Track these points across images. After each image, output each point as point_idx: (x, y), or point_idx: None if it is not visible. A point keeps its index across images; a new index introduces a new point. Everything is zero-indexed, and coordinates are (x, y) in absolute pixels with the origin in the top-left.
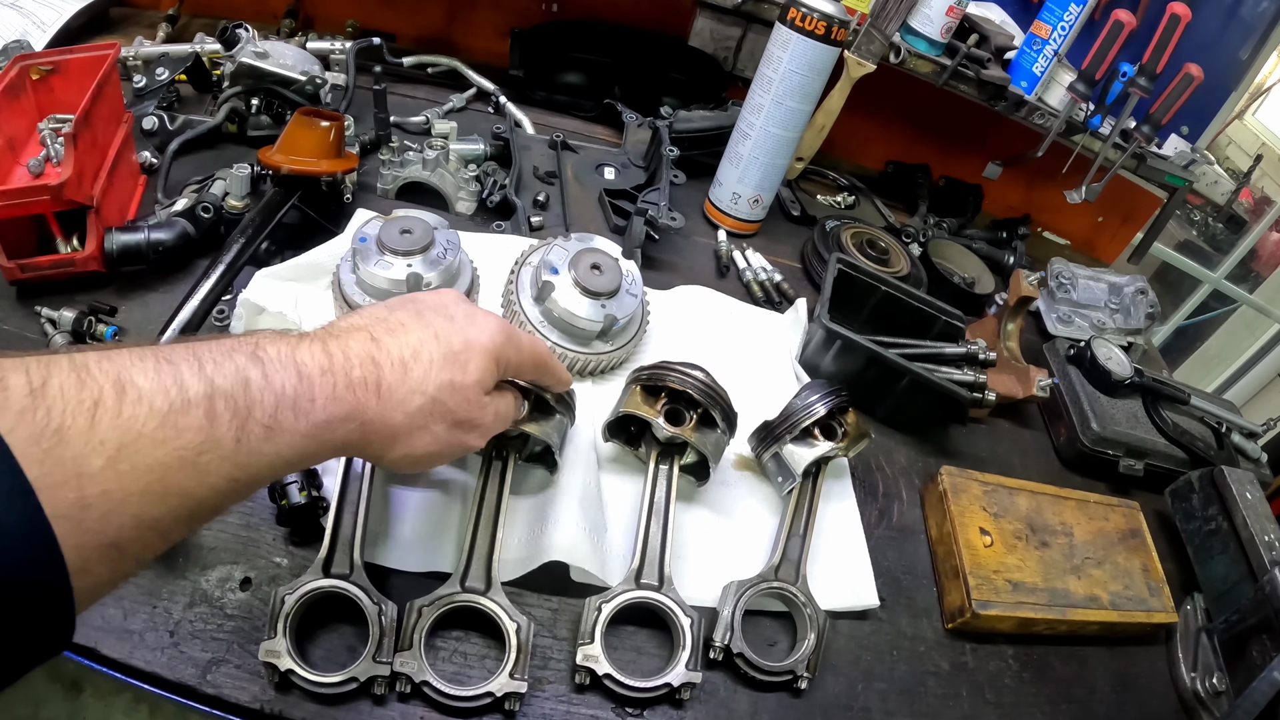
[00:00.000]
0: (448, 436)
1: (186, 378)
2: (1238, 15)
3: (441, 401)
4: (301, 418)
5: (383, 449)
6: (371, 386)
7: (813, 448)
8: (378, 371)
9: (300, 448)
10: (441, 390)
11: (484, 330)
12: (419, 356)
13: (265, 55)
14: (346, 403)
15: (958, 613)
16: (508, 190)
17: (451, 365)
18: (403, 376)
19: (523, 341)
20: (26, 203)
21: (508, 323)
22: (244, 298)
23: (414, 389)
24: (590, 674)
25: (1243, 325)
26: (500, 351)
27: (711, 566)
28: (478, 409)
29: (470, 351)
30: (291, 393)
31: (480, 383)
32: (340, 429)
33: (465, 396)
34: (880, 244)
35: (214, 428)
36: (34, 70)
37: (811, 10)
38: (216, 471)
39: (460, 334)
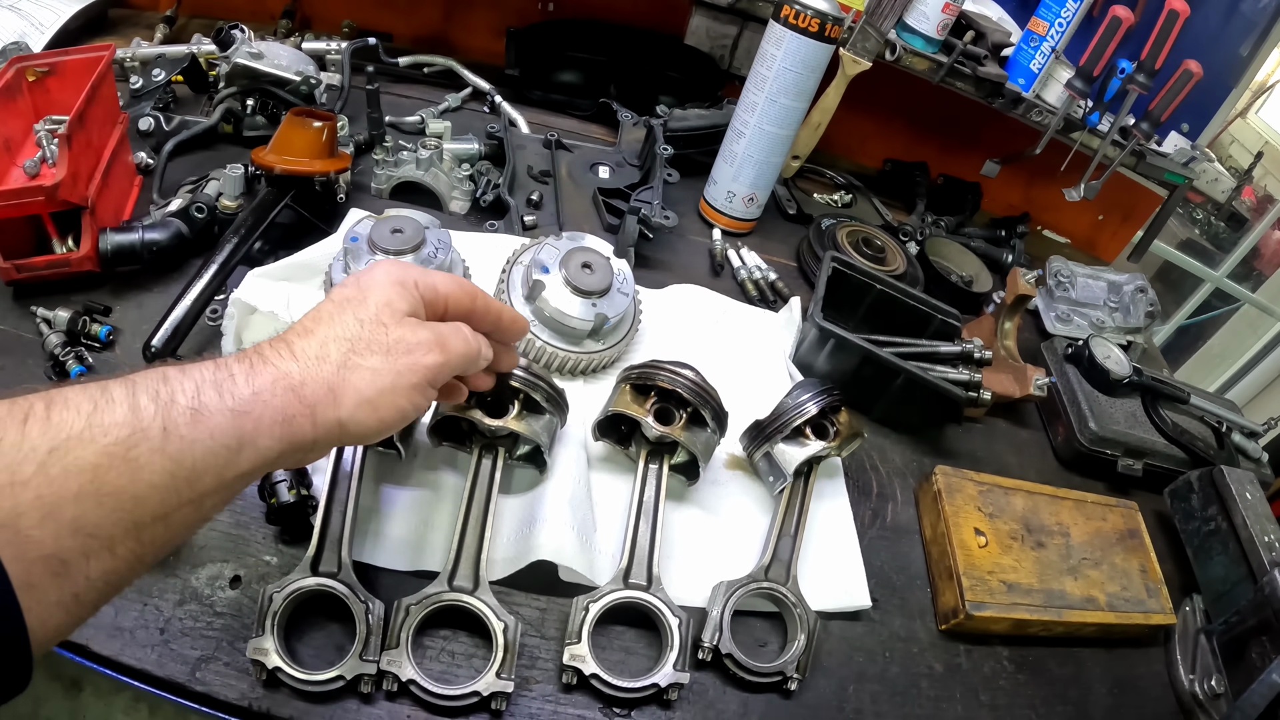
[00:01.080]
0: (390, 365)
1: (110, 382)
2: (1238, 11)
3: (359, 338)
4: (226, 395)
5: (331, 407)
6: (285, 354)
7: (804, 447)
8: (285, 342)
9: (235, 428)
10: (348, 328)
11: (377, 269)
12: (318, 316)
13: (260, 56)
14: (266, 374)
15: (951, 614)
16: (501, 189)
17: (348, 304)
18: (308, 335)
19: (434, 273)
20: (22, 203)
21: (398, 260)
22: (235, 297)
23: (324, 339)
24: (577, 674)
25: (1245, 324)
26: (401, 278)
27: (701, 566)
28: (405, 327)
29: (364, 289)
30: (210, 376)
31: (388, 304)
32: (271, 400)
33: (378, 320)
34: (876, 242)
35: (138, 419)
36: (30, 72)
37: (805, 7)
38: (150, 465)
39: (353, 282)
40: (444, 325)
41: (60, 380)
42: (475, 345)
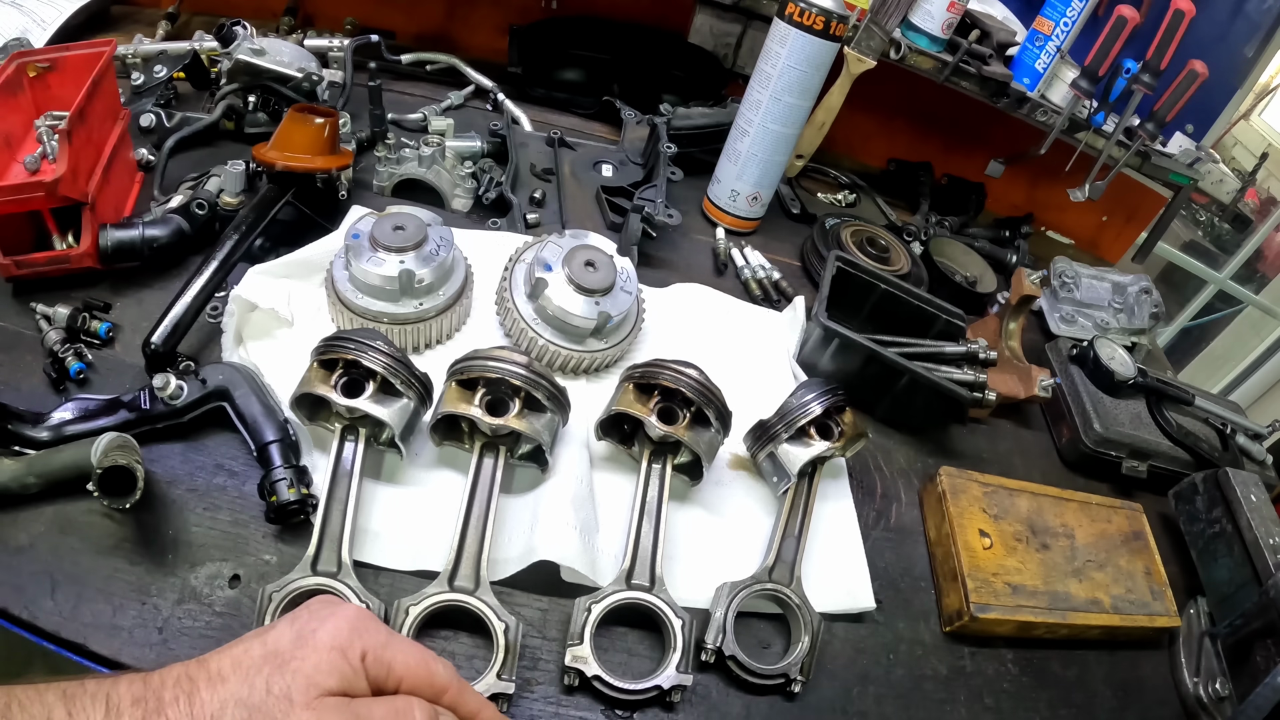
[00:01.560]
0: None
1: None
2: (1243, 12)
3: (259, 709)
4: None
5: None
6: (184, 707)
7: (808, 447)
8: (191, 686)
9: None
10: (255, 694)
11: (326, 624)
12: (239, 664)
13: (262, 52)
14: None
15: (956, 616)
16: (504, 187)
17: (271, 663)
18: (216, 688)
19: (394, 638)
20: (21, 199)
21: (368, 613)
22: (236, 294)
23: (227, 699)
24: (579, 675)
25: (1248, 326)
26: (346, 645)
27: (704, 567)
28: (311, 714)
29: (301, 647)
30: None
31: (309, 679)
32: None
33: (288, 698)
34: (880, 242)
35: None
36: (31, 67)
37: (810, 5)
38: None
39: (293, 630)
40: (380, 708)
41: (60, 379)
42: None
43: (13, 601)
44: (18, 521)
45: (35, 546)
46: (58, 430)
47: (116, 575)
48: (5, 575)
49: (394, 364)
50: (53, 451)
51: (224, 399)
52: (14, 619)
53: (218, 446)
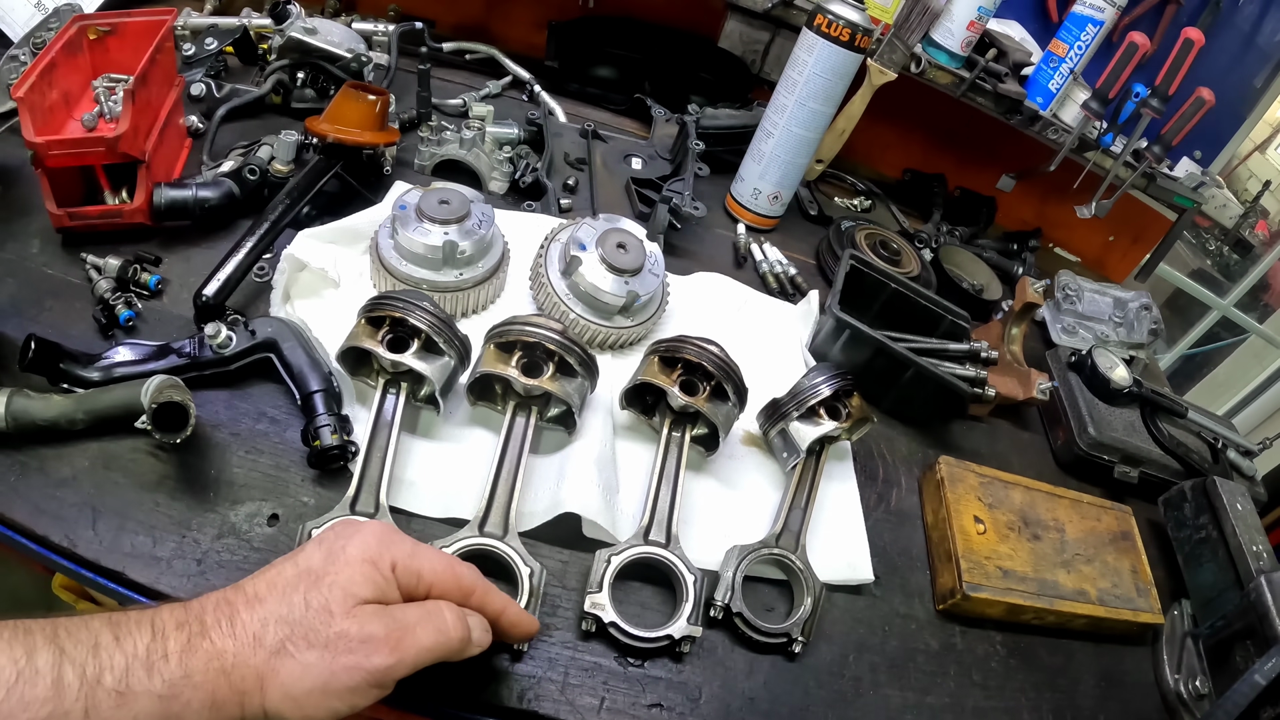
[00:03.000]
0: (325, 666)
1: (38, 645)
2: (1254, 44)
3: (300, 624)
4: (155, 676)
5: (258, 695)
6: (225, 628)
7: (818, 426)
8: (231, 609)
9: (161, 712)
10: (294, 609)
11: (354, 539)
12: (274, 585)
13: (314, 31)
14: (202, 651)
15: (949, 594)
16: (540, 173)
17: (306, 580)
18: (255, 607)
19: (420, 547)
20: (82, 153)
21: (392, 528)
22: (288, 253)
23: (267, 617)
24: (596, 621)
25: (1251, 355)
26: (376, 556)
27: (716, 532)
28: (354, 619)
29: (334, 563)
30: (144, 651)
31: (345, 588)
32: (202, 683)
33: (326, 607)
34: (893, 245)
35: (61, 699)
36: (92, 30)
37: (838, 17)
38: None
39: (323, 550)
40: (413, 611)
41: (109, 325)
42: (457, 634)
43: (53, 530)
44: (62, 456)
45: (78, 480)
46: (108, 371)
47: (158, 510)
48: (48, 505)
49: (438, 323)
50: (102, 390)
51: (272, 350)
52: (54, 547)
53: (261, 395)
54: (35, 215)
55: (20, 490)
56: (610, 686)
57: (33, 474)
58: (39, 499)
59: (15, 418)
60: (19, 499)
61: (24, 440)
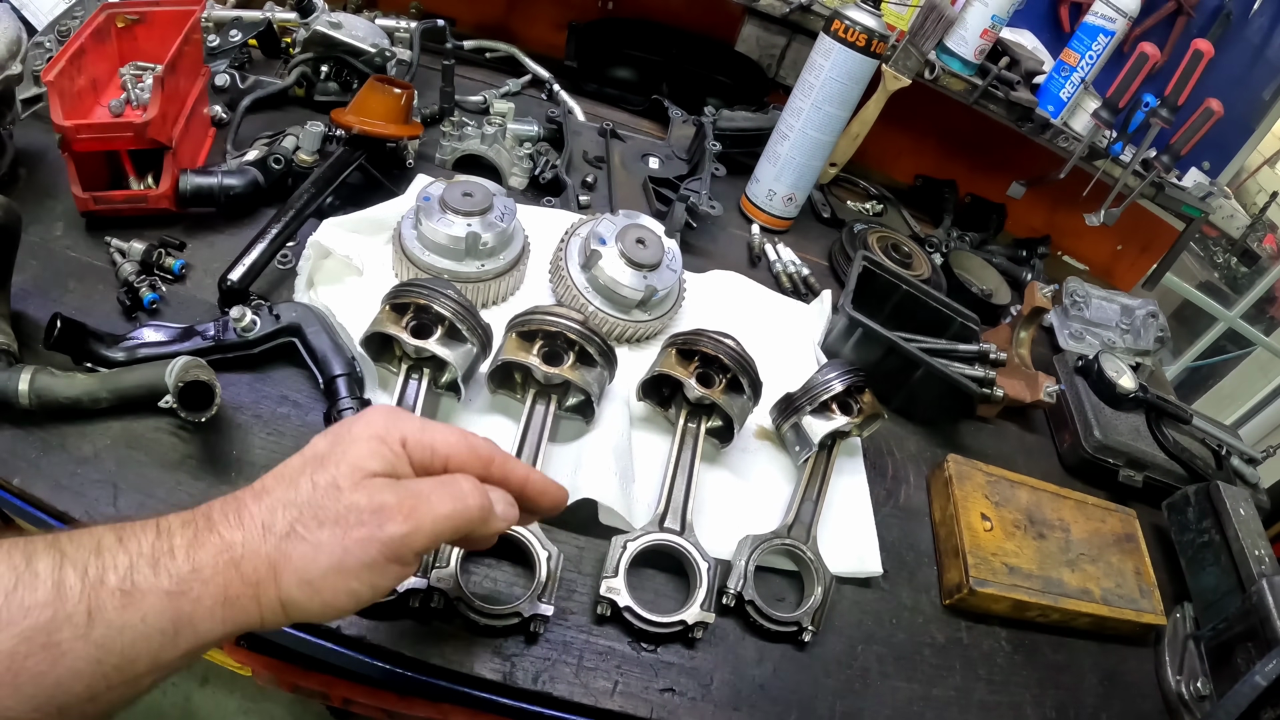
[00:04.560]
0: (338, 542)
1: (37, 551)
2: (1264, 56)
3: (309, 504)
4: (162, 573)
5: (272, 586)
6: (233, 520)
7: (830, 420)
8: (237, 503)
9: (171, 610)
10: (301, 492)
11: (361, 420)
12: (281, 475)
13: (339, 25)
14: (210, 545)
15: (956, 589)
16: (559, 170)
17: (313, 463)
18: (262, 498)
19: (427, 422)
20: (109, 137)
21: (399, 408)
22: (313, 240)
23: (274, 504)
24: (611, 605)
25: (1256, 368)
26: (384, 432)
27: (729, 523)
28: (362, 491)
29: (340, 444)
30: (149, 549)
31: (354, 465)
32: (212, 577)
33: (334, 483)
34: (904, 248)
35: (63, 601)
36: (120, 18)
37: (854, 23)
38: (73, 652)
39: (329, 436)
40: (426, 482)
41: (133, 307)
42: (475, 502)
43: (74, 506)
44: (85, 434)
45: (100, 457)
46: (132, 351)
47: (179, 487)
48: (69, 482)
49: (462, 311)
50: (126, 370)
51: (295, 334)
52: (74, 523)
53: (284, 379)
54: (60, 199)
55: (42, 467)
56: (624, 670)
57: (54, 451)
58: (60, 476)
59: (39, 395)
60: (40, 476)
61: (47, 418)
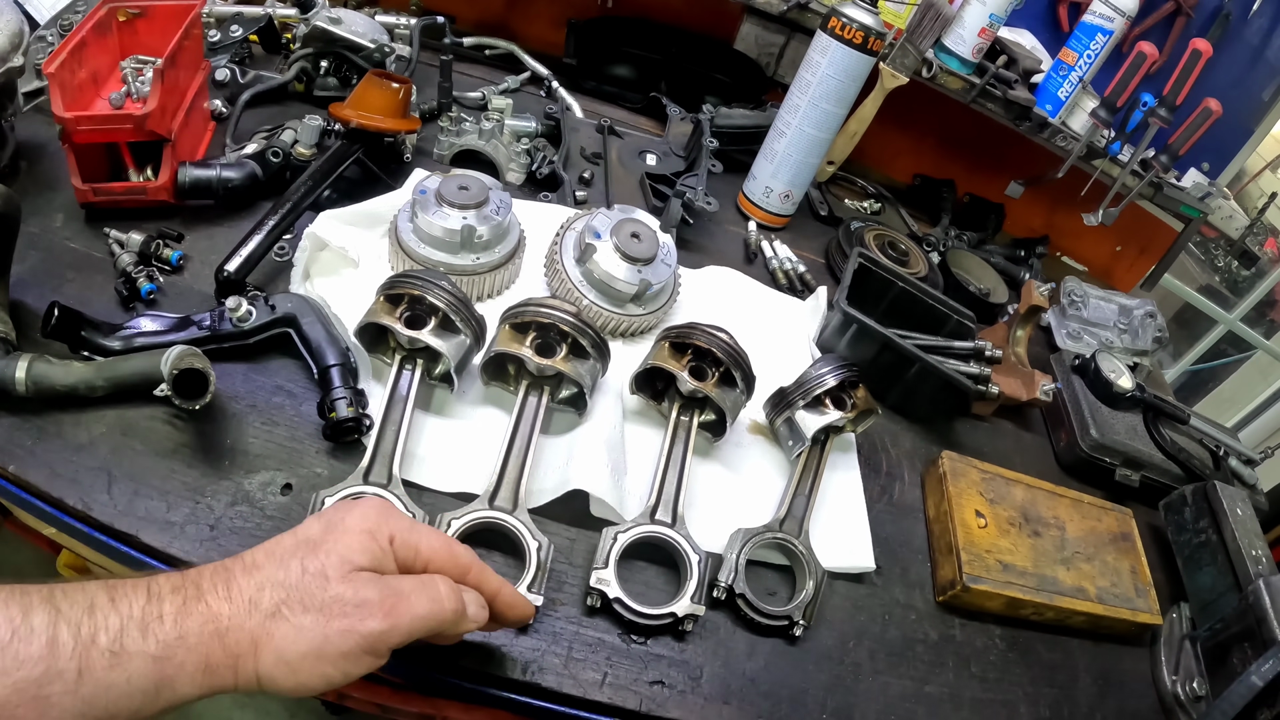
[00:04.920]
0: (320, 629)
1: (34, 605)
2: (1263, 57)
3: (296, 588)
4: (150, 637)
5: (251, 660)
6: (222, 592)
7: (823, 415)
8: (226, 574)
9: (155, 674)
10: (290, 575)
11: (353, 511)
12: (272, 553)
13: (339, 21)
14: (197, 614)
15: (949, 585)
16: (556, 165)
17: (304, 548)
18: (251, 574)
19: (418, 524)
20: (109, 129)
21: (391, 504)
22: (310, 231)
23: (262, 582)
24: (601, 597)
25: (1257, 372)
26: (374, 527)
27: (720, 516)
28: (349, 584)
29: (332, 533)
30: (139, 613)
31: (342, 556)
32: (196, 645)
33: (322, 572)
34: (901, 246)
35: (55, 658)
36: (121, 12)
37: (851, 20)
38: (61, 706)
39: (322, 522)
40: (407, 581)
41: (130, 298)
42: (450, 605)
43: (69, 493)
44: (80, 422)
45: (95, 445)
46: (129, 340)
47: (173, 475)
48: (64, 470)
49: (456, 302)
50: (122, 359)
51: (291, 325)
52: (69, 510)
53: (279, 369)
54: (60, 190)
55: (37, 454)
56: (613, 662)
57: (50, 438)
58: (56, 463)
59: (35, 382)
60: (36, 462)
61: (43, 405)
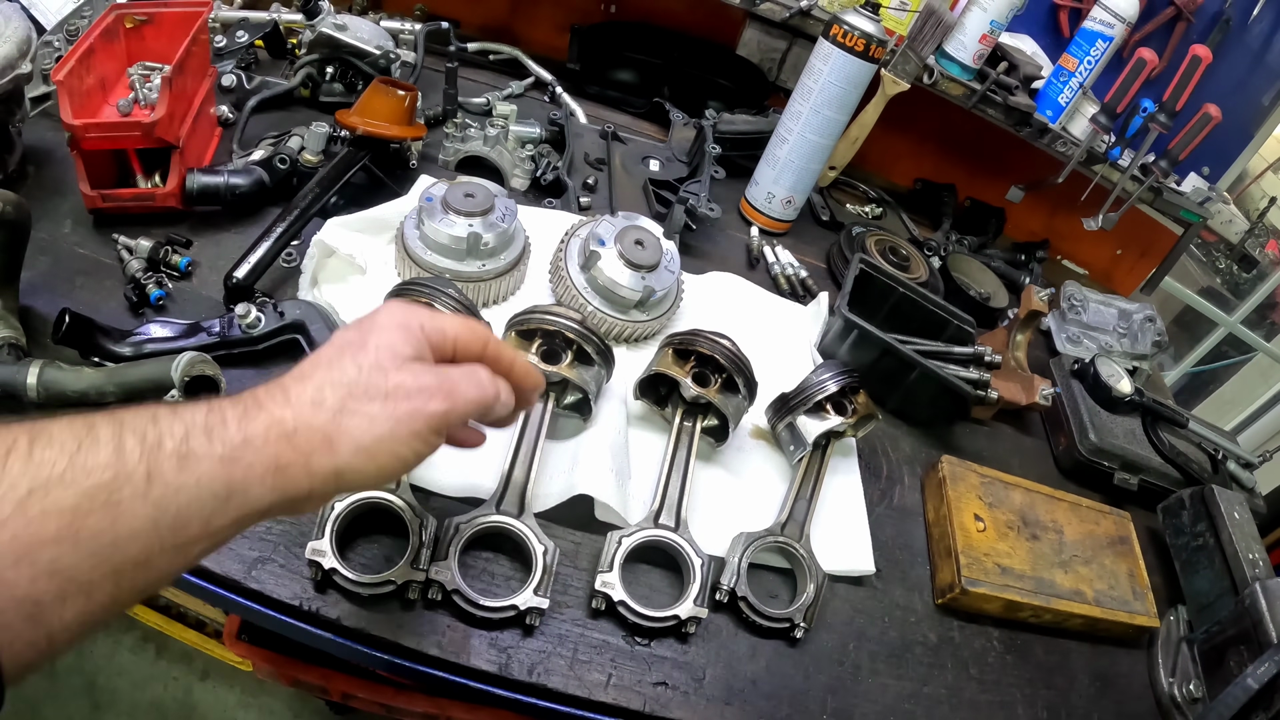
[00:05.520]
0: (390, 414)
1: (97, 420)
2: (1263, 62)
3: (357, 383)
4: (215, 441)
5: (327, 455)
6: (280, 399)
7: (824, 420)
8: (280, 388)
9: (223, 476)
10: (346, 374)
11: (381, 313)
12: (317, 361)
13: (344, 27)
14: (260, 419)
15: (948, 588)
16: (560, 171)
17: (350, 349)
18: (305, 381)
19: (442, 316)
20: (118, 136)
21: (405, 300)
22: (318, 238)
23: (321, 384)
24: (606, 600)
25: (1257, 374)
26: (405, 321)
27: (723, 521)
28: (406, 373)
29: (365, 333)
30: (202, 420)
31: (389, 348)
32: (263, 447)
33: (377, 365)
34: (902, 251)
35: (123, 462)
36: (129, 19)
37: (853, 28)
38: (132, 511)
39: (354, 328)
40: (455, 370)
41: (139, 304)
42: (492, 390)
43: None
44: None
45: None
46: (139, 347)
47: None
48: None
49: (463, 308)
50: (132, 365)
51: (299, 331)
52: None
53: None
54: (68, 196)
55: None
56: (617, 664)
57: None
58: None
59: (46, 388)
60: None
61: (54, 410)
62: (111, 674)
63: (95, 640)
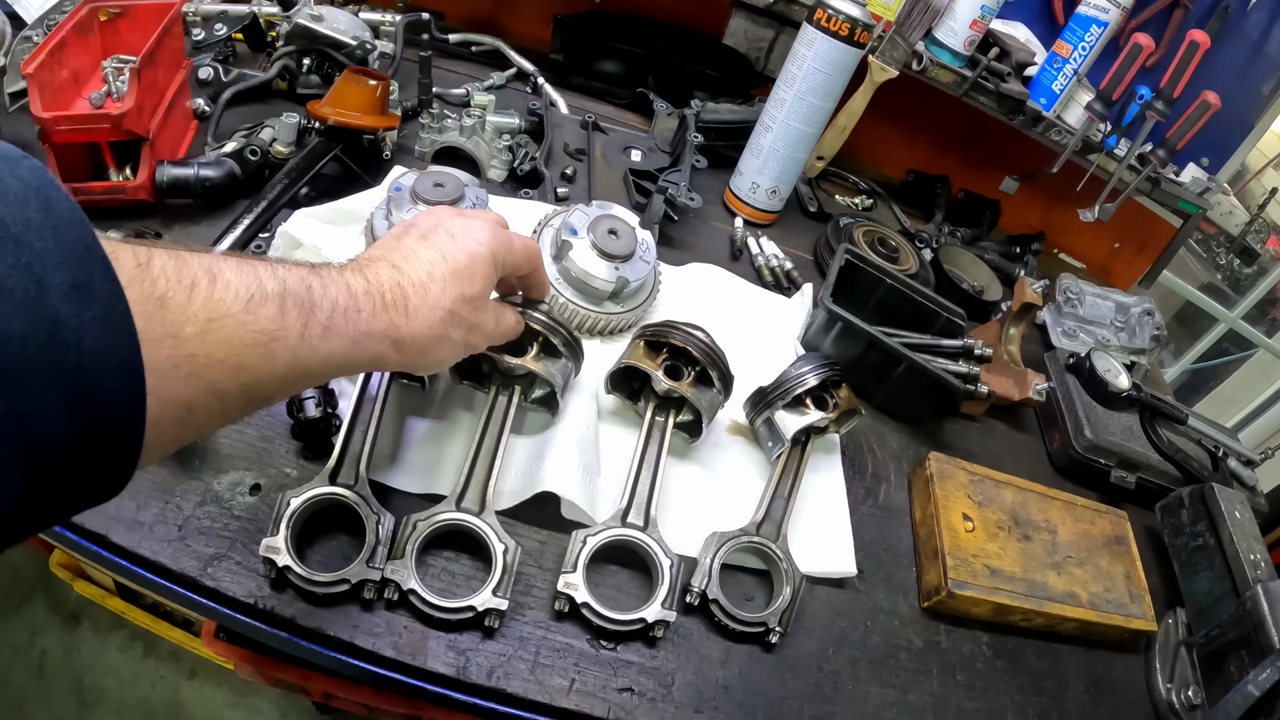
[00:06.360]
0: (463, 339)
1: (264, 276)
2: (1263, 50)
3: (457, 313)
4: (350, 324)
5: (415, 360)
6: (400, 308)
7: (803, 415)
8: (404, 296)
9: (347, 352)
10: (456, 303)
11: (481, 240)
12: (434, 277)
13: (320, 19)
14: (384, 320)
15: (934, 591)
16: (538, 161)
17: (460, 280)
18: (424, 297)
19: (514, 239)
20: (87, 129)
21: (498, 223)
22: (283, 230)
23: (434, 305)
24: (569, 602)
25: (1258, 370)
26: (496, 254)
27: (696, 520)
28: (485, 314)
29: (474, 263)
30: (344, 304)
31: (485, 290)
32: (377, 343)
33: (474, 305)
34: (891, 243)
35: (284, 319)
36: (103, 12)
37: (837, 12)
38: (280, 358)
39: (463, 250)
40: (507, 314)
41: None
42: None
43: None
44: None
45: None
46: None
47: (143, 475)
48: None
49: None
50: None
51: None
52: None
53: None
54: None
55: None
56: (581, 668)
57: None
58: None
59: None
60: None
61: None
62: (99, 673)
63: (83, 639)
